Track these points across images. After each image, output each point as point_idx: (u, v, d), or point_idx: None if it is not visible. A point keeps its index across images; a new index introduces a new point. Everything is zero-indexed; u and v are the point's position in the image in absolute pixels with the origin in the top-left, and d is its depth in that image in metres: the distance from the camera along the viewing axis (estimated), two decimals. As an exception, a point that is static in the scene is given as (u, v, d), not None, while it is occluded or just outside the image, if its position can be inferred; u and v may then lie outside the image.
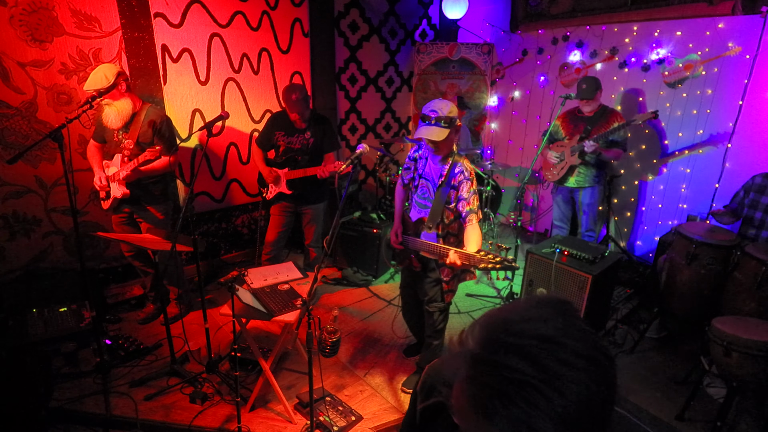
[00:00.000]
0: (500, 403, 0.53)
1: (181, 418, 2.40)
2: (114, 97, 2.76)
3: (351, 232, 4.16)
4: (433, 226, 2.28)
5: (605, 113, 3.55)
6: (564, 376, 0.53)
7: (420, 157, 2.41)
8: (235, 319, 2.29)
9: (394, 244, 2.49)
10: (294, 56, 4.29)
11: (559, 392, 0.53)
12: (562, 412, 0.52)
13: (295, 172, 3.22)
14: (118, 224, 3.10)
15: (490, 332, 0.59)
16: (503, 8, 5.10)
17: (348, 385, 2.73)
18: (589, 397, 0.54)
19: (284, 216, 3.42)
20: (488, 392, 0.55)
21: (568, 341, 0.56)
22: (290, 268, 2.74)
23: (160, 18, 3.42)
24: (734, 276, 2.61)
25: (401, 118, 5.54)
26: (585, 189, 3.70)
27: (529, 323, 0.58)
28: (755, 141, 3.37)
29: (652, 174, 4.05)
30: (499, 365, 0.55)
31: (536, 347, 0.55)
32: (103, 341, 2.84)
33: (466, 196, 2.22)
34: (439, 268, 2.41)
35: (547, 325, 0.57)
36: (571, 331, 0.57)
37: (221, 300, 3.54)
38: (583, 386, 0.54)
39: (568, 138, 3.67)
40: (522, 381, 0.53)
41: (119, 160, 2.89)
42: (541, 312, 0.60)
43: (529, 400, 0.52)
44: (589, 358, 0.55)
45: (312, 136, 3.26)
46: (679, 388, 2.65)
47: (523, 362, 0.54)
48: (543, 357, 0.54)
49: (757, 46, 3.26)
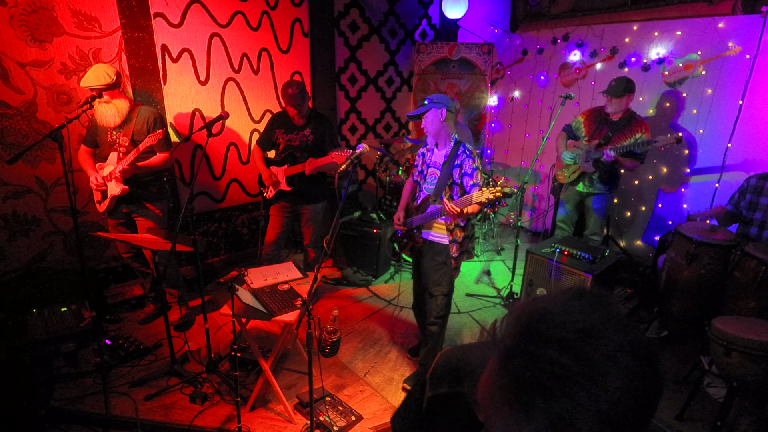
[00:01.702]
0: (540, 397, 0.50)
1: (181, 418, 2.40)
2: (114, 96, 2.77)
3: (351, 232, 4.16)
4: (437, 199, 2.47)
5: (631, 121, 3.34)
6: (608, 372, 0.50)
7: (427, 151, 2.65)
8: (235, 319, 2.29)
9: (396, 226, 2.71)
10: (294, 56, 4.29)
11: (604, 388, 0.50)
12: (606, 410, 0.49)
13: (294, 167, 3.22)
14: (114, 228, 3.09)
15: (528, 323, 0.56)
16: (503, 8, 5.10)
17: (348, 385, 2.73)
18: (635, 395, 0.51)
19: (282, 217, 3.42)
20: (527, 386, 0.52)
21: (611, 335, 0.52)
22: (290, 268, 2.74)
23: (159, 18, 3.42)
24: (734, 276, 2.61)
25: (401, 118, 5.54)
26: (595, 195, 3.57)
27: (570, 315, 0.54)
28: (755, 141, 3.37)
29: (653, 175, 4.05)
30: (540, 358, 0.52)
31: (579, 341, 0.52)
32: (103, 341, 2.84)
33: (470, 171, 2.42)
34: (446, 248, 2.53)
35: (589, 318, 0.54)
36: (613, 324, 0.54)
37: (221, 300, 3.54)
38: (629, 383, 0.51)
39: (587, 139, 3.49)
40: (564, 375, 0.50)
41: (115, 158, 2.89)
42: (582, 304, 0.56)
43: (571, 396, 0.49)
44: (634, 354, 0.52)
45: (312, 133, 3.25)
46: (679, 388, 2.65)
47: (566, 355, 0.51)
48: (586, 351, 0.51)
49: (757, 45, 3.26)
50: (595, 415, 0.49)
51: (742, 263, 2.57)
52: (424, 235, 2.61)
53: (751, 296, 2.49)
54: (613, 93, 3.31)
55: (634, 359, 0.52)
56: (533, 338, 0.54)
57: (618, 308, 0.57)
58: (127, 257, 3.17)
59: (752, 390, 2.20)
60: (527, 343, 0.54)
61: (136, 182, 2.92)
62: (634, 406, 0.51)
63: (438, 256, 2.56)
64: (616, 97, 3.31)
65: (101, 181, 2.90)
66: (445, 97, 2.51)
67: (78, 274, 3.17)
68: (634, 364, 0.52)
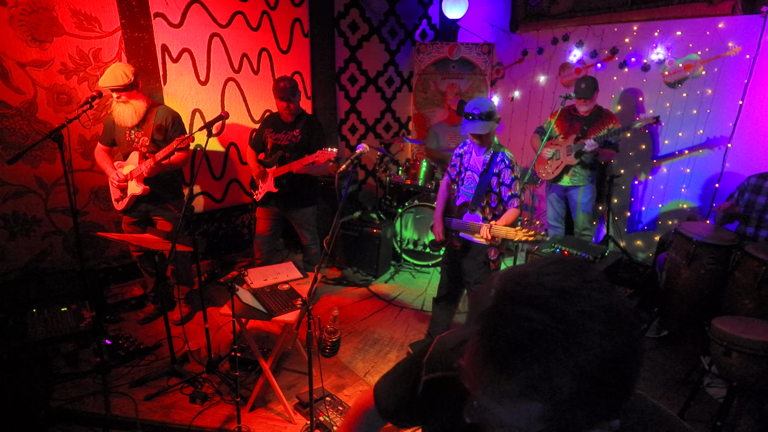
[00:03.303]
0: (518, 355, 0.51)
1: (181, 418, 2.40)
2: (132, 96, 2.79)
3: (351, 232, 4.16)
4: (475, 208, 2.54)
5: (600, 114, 3.59)
6: (585, 328, 0.50)
7: (465, 153, 2.66)
8: (235, 319, 2.29)
9: (437, 238, 2.76)
10: (294, 56, 4.29)
11: (580, 344, 0.50)
12: (584, 366, 0.49)
13: (282, 168, 3.17)
14: (128, 225, 3.10)
15: (505, 285, 0.56)
16: (503, 8, 5.09)
17: (348, 385, 2.73)
18: (613, 352, 0.51)
19: (270, 220, 3.39)
20: (504, 345, 0.52)
21: (589, 293, 0.53)
22: (290, 268, 2.74)
23: (160, 18, 3.42)
24: (734, 276, 2.61)
25: (401, 118, 5.55)
26: (579, 188, 3.73)
27: (549, 276, 0.55)
28: (755, 141, 3.37)
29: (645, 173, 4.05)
30: (516, 316, 0.52)
31: (556, 298, 0.52)
32: (103, 341, 2.84)
33: (508, 182, 2.47)
34: (485, 250, 2.59)
35: (568, 279, 0.54)
36: (593, 284, 0.54)
37: (221, 300, 3.54)
38: (606, 339, 0.50)
39: (563, 137, 3.69)
40: (540, 331, 0.50)
41: (136, 158, 2.90)
42: (562, 267, 0.56)
43: (548, 352, 0.50)
44: (612, 311, 0.52)
45: (300, 133, 3.24)
46: (679, 388, 2.65)
47: (542, 313, 0.51)
48: (563, 308, 0.51)
49: (757, 45, 3.26)
50: (573, 371, 0.50)
51: (742, 263, 2.57)
52: (463, 236, 2.67)
53: (751, 296, 2.49)
54: (585, 95, 3.54)
55: (611, 317, 0.52)
56: (510, 298, 0.54)
57: (599, 272, 0.58)
58: (138, 256, 3.18)
59: (752, 390, 2.20)
60: (504, 304, 0.54)
61: (157, 181, 2.94)
62: (613, 366, 0.51)
63: (478, 255, 2.63)
64: (588, 99, 3.54)
65: (123, 177, 2.91)
66: (492, 103, 2.47)
67: (78, 274, 3.16)
68: (611, 322, 0.52)
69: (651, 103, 3.93)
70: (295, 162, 3.08)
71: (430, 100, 5.36)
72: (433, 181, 4.33)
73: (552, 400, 0.51)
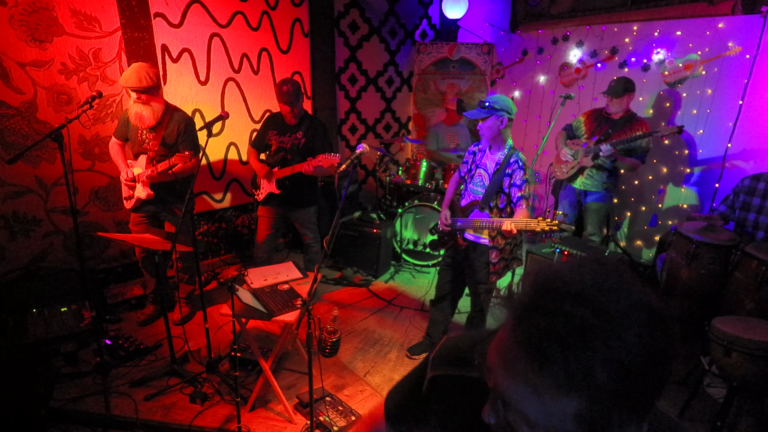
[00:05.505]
0: (558, 348, 0.50)
1: (181, 418, 2.40)
2: (152, 98, 2.80)
3: (351, 232, 4.16)
4: (485, 207, 2.53)
5: (632, 120, 3.39)
6: (626, 325, 0.50)
7: (479, 150, 2.65)
8: (235, 319, 2.29)
9: (442, 227, 2.72)
10: (294, 56, 4.29)
11: (621, 339, 0.50)
12: (624, 362, 0.49)
13: (285, 170, 3.20)
14: (136, 224, 3.10)
15: (544, 282, 0.56)
16: (503, 8, 5.09)
17: (348, 385, 2.73)
18: (652, 349, 0.51)
19: (272, 219, 3.40)
20: (544, 337, 0.51)
21: (628, 292, 0.53)
22: (290, 268, 2.74)
23: (159, 18, 3.42)
24: (734, 276, 2.61)
25: (401, 118, 5.55)
26: (592, 193, 3.59)
27: (588, 274, 0.54)
28: (755, 141, 3.37)
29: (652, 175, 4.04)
30: (556, 311, 0.52)
31: (596, 295, 0.52)
32: (103, 341, 2.84)
33: (519, 183, 2.46)
34: (488, 251, 2.58)
35: (607, 277, 0.54)
36: (630, 284, 0.54)
37: (221, 300, 3.54)
38: (646, 336, 0.51)
39: (588, 137, 3.55)
40: (582, 326, 0.50)
41: (144, 162, 2.91)
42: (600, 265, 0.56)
43: (589, 346, 0.49)
44: (653, 310, 0.53)
45: (304, 135, 3.24)
46: (679, 388, 2.65)
47: (582, 308, 0.51)
48: (605, 303, 0.51)
49: (757, 45, 3.26)
50: (614, 365, 0.50)
51: (742, 263, 2.58)
52: (467, 236, 2.65)
53: (751, 296, 2.49)
54: (614, 93, 3.37)
55: (650, 316, 0.52)
56: (550, 294, 0.54)
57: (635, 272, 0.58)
58: (142, 257, 3.18)
59: (752, 390, 2.20)
60: (543, 298, 0.54)
61: (162, 185, 2.95)
62: (651, 363, 0.51)
63: (483, 256, 2.62)
64: (616, 97, 3.36)
65: (131, 176, 2.92)
66: (507, 103, 2.44)
67: (78, 274, 3.16)
68: (650, 321, 0.52)
69: (651, 103, 3.93)
70: (297, 165, 3.10)
71: (430, 100, 5.37)
72: (433, 181, 4.33)
73: (589, 396, 0.51)
